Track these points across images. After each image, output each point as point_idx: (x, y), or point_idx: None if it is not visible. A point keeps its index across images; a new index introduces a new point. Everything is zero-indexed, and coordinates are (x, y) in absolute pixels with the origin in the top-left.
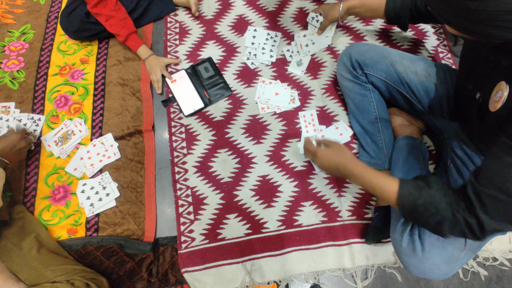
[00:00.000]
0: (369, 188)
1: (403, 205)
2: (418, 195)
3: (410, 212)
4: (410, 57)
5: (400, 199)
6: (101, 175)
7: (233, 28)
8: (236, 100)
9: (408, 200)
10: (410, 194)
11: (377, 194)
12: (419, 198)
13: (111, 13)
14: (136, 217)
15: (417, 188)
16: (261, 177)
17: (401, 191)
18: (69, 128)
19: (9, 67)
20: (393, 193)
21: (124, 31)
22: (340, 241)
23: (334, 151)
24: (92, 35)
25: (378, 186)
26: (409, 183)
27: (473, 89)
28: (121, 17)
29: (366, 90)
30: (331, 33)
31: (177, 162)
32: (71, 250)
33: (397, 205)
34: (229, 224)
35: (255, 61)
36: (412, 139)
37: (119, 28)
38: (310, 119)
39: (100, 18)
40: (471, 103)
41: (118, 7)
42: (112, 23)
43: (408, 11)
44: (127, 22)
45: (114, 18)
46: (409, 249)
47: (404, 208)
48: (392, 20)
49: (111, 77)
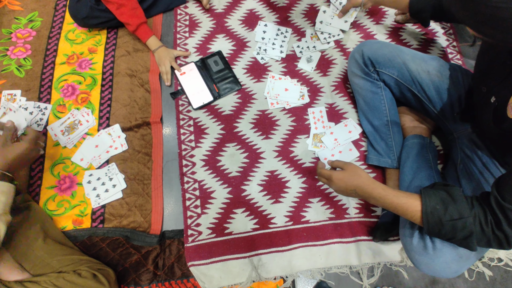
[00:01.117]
0: (390, 208)
1: (429, 222)
2: (443, 211)
3: (436, 229)
4: (422, 56)
5: (425, 216)
6: (107, 166)
7: (244, 23)
8: (246, 95)
9: (433, 217)
10: (436, 210)
11: (400, 213)
12: (445, 215)
13: (123, 1)
14: (142, 209)
15: (441, 202)
16: (269, 173)
17: (426, 208)
18: (76, 118)
19: (16, 54)
20: (417, 211)
21: (134, 21)
22: (347, 238)
23: (350, 174)
24: (100, 22)
25: (400, 206)
26: (431, 198)
27: (488, 92)
28: (132, 6)
29: (378, 87)
30: (351, 19)
31: (185, 155)
32: (76, 241)
33: (422, 223)
34: (236, 219)
35: (265, 56)
36: (422, 138)
37: (129, 17)
38: (319, 116)
39: (111, 5)
40: (485, 106)
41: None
42: (123, 12)
43: (431, 7)
44: (138, 12)
45: (126, 7)
46: (420, 247)
47: (429, 226)
48: (414, 13)
49: (120, 68)
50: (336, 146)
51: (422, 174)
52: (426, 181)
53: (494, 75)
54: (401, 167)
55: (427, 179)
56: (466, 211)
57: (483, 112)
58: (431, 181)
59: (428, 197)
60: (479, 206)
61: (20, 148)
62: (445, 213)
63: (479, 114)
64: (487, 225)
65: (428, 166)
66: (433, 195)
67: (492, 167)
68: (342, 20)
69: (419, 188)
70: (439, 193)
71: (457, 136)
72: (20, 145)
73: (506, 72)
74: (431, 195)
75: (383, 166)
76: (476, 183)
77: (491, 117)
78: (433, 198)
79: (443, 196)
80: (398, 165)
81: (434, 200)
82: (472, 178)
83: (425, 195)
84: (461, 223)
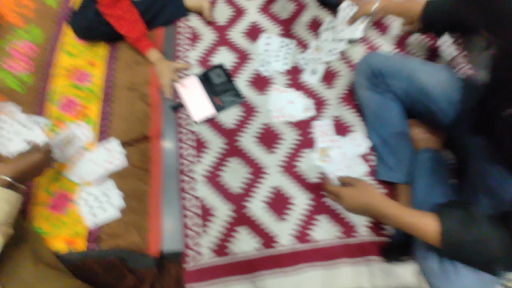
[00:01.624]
0: (404, 229)
1: (447, 245)
2: (463, 232)
3: (456, 252)
4: (431, 67)
5: (444, 238)
6: (104, 182)
7: (246, 35)
8: (248, 108)
9: (452, 239)
10: (455, 231)
11: (415, 234)
12: (466, 236)
13: (123, 14)
14: (140, 229)
15: (460, 223)
16: (273, 189)
17: (443, 229)
18: (73, 132)
19: (14, 68)
20: (434, 232)
21: (134, 33)
22: (357, 259)
23: (360, 191)
24: (100, 34)
25: (417, 226)
26: (451, 218)
27: (503, 103)
28: (133, 19)
29: (386, 99)
30: (361, 27)
31: (184, 171)
32: (69, 265)
33: (440, 245)
34: (239, 238)
35: (269, 68)
36: (434, 151)
37: (130, 29)
38: (325, 129)
39: (112, 18)
40: (501, 119)
41: (131, 8)
42: (123, 24)
43: (447, 17)
44: (138, 25)
45: (126, 20)
46: (440, 270)
47: (448, 248)
48: (428, 24)
49: (119, 81)
50: (343, 160)
51: (437, 190)
52: (441, 198)
53: (510, 85)
54: (414, 182)
55: (442, 196)
56: (487, 232)
57: (498, 125)
58: (446, 197)
59: (446, 217)
60: (501, 227)
61: (33, 157)
62: (466, 235)
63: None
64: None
65: (442, 181)
66: (450, 214)
67: None
68: (352, 29)
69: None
70: (457, 212)
71: (471, 149)
72: (33, 155)
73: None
74: (449, 214)
75: (394, 181)
76: (496, 200)
77: (509, 130)
78: (451, 217)
79: (462, 216)
80: (409, 180)
81: (452, 220)
82: (491, 194)
83: (442, 214)
84: (483, 246)
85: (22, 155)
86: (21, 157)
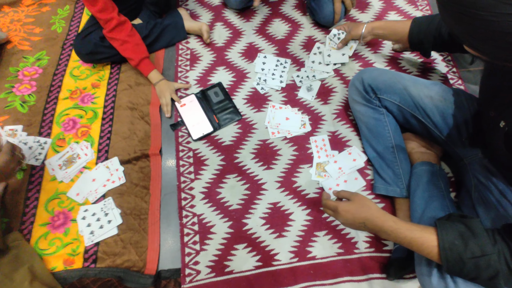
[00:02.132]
0: (403, 243)
1: (448, 260)
2: (463, 247)
3: (457, 267)
4: (423, 82)
5: (444, 253)
6: (104, 200)
7: (243, 55)
8: (246, 125)
9: (453, 254)
10: (454, 246)
11: (414, 249)
12: (465, 251)
13: (126, 38)
14: (138, 247)
15: (460, 237)
16: (272, 205)
17: (443, 244)
18: (75, 152)
19: (21, 91)
20: (433, 247)
21: (137, 56)
22: (359, 276)
23: (358, 205)
24: (104, 58)
25: (414, 241)
26: (448, 231)
27: (496, 116)
28: (135, 42)
29: (380, 114)
30: (350, 52)
31: (183, 188)
32: (65, 283)
33: (440, 260)
34: (238, 256)
35: (265, 86)
36: (431, 165)
37: (132, 52)
38: (321, 144)
39: (115, 42)
40: (495, 132)
41: (133, 32)
42: (126, 48)
43: (432, 38)
44: (140, 48)
45: (129, 43)
46: (440, 287)
47: (449, 264)
48: (415, 45)
49: (121, 101)
50: (340, 175)
51: (435, 204)
52: (440, 212)
53: (502, 98)
54: (411, 196)
55: (440, 209)
56: (488, 247)
57: (493, 138)
58: (445, 211)
59: (445, 231)
60: (502, 241)
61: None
62: (466, 250)
63: (489, 141)
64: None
65: (440, 194)
66: (450, 228)
67: (510, 194)
68: (340, 54)
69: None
70: (456, 226)
71: (468, 162)
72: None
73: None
74: (448, 228)
75: (391, 195)
76: (495, 213)
77: (503, 143)
78: (451, 232)
79: (462, 230)
80: (407, 194)
81: (452, 235)
82: (489, 207)
83: (441, 229)
84: (484, 261)
85: None
86: None
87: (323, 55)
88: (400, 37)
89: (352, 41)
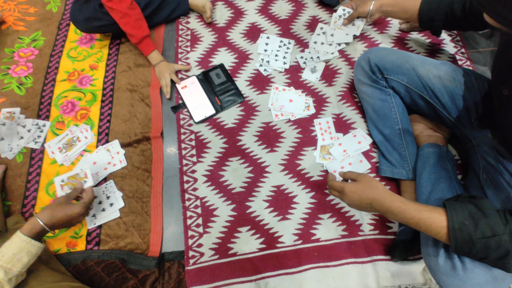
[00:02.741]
0: (411, 224)
1: (457, 240)
2: (473, 227)
3: (466, 248)
4: (432, 62)
5: (453, 234)
6: (105, 183)
7: (246, 36)
8: (249, 107)
9: (462, 235)
10: (464, 226)
11: (422, 230)
12: (475, 231)
13: (127, 11)
14: (140, 230)
15: (470, 217)
16: (275, 187)
17: (452, 224)
18: (75, 135)
19: (17, 73)
20: (442, 227)
21: (138, 33)
22: (363, 258)
23: (365, 186)
24: (103, 25)
25: (423, 222)
26: (458, 212)
27: (510, 94)
28: (136, 17)
29: (387, 95)
30: (357, 32)
31: (186, 171)
32: (69, 265)
33: (448, 241)
34: (241, 238)
35: (268, 68)
36: (438, 146)
37: (133, 29)
38: (326, 127)
39: (115, 14)
40: (508, 111)
41: (134, 6)
42: (126, 22)
43: (443, 15)
44: (142, 24)
45: (130, 17)
46: (447, 267)
47: (458, 244)
48: (425, 23)
49: (120, 83)
50: (345, 158)
51: (442, 185)
52: (448, 193)
53: None
54: (417, 178)
55: (448, 191)
56: (499, 227)
57: (505, 117)
58: (453, 192)
59: (454, 211)
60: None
61: (72, 210)
62: (476, 230)
63: (502, 119)
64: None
65: (448, 176)
66: (460, 208)
67: None
68: (344, 33)
69: (440, 201)
70: (466, 207)
71: (477, 144)
72: (73, 207)
73: None
74: (458, 208)
75: (397, 177)
76: (505, 195)
77: None
78: (460, 212)
79: (472, 210)
80: (413, 177)
81: (461, 215)
82: (500, 189)
83: (451, 209)
84: (495, 241)
85: (63, 202)
86: (61, 204)
87: (326, 35)
88: (410, 15)
89: (359, 19)
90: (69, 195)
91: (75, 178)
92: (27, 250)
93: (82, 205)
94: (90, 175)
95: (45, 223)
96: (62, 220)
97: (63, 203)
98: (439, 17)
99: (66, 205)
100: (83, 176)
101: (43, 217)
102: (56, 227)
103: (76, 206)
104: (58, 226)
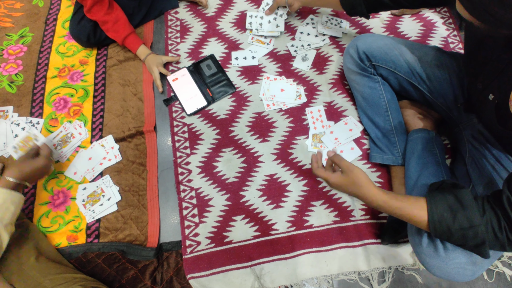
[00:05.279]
0: (395, 215)
1: (436, 231)
2: (452, 219)
3: (444, 237)
4: (420, 47)
5: (432, 225)
6: (101, 178)
7: (235, 25)
8: (240, 98)
9: (441, 226)
10: (443, 218)
11: (405, 220)
12: (453, 223)
13: (104, 18)
14: (138, 222)
15: (449, 209)
16: (269, 177)
17: (432, 217)
18: (69, 131)
19: (7, 71)
20: (423, 220)
21: (118, 36)
22: (354, 242)
23: (348, 182)
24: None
25: (406, 212)
26: (438, 204)
27: (484, 89)
28: (113, 21)
29: (375, 82)
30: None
31: (180, 163)
32: (71, 258)
33: (429, 230)
34: (236, 227)
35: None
36: (426, 132)
37: (113, 33)
38: (317, 115)
39: (100, 23)
40: (485, 105)
41: (110, 10)
42: (107, 29)
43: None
44: (120, 25)
45: (107, 23)
46: (430, 249)
47: (437, 234)
48: (349, 10)
49: (112, 78)
50: (337, 145)
51: (429, 170)
52: (433, 178)
53: (488, 71)
54: (406, 164)
55: (434, 176)
56: (476, 218)
57: (483, 111)
58: (438, 178)
59: (434, 204)
60: (491, 210)
61: (37, 163)
62: (454, 222)
63: (480, 113)
64: (501, 231)
65: (435, 161)
66: (439, 201)
67: (505, 160)
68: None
69: (426, 187)
70: (446, 198)
71: (463, 128)
72: (36, 161)
73: (501, 67)
74: (438, 201)
75: (386, 163)
76: (488, 178)
77: (494, 116)
78: (440, 205)
79: (451, 202)
80: (403, 162)
81: (441, 207)
82: (483, 173)
83: (431, 202)
84: (472, 232)
85: (26, 159)
86: (25, 161)
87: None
88: (332, 4)
89: (282, 9)
90: (28, 153)
91: (26, 142)
92: (11, 200)
93: (44, 158)
94: (39, 134)
95: (16, 178)
96: (32, 173)
97: (27, 160)
98: (359, 2)
99: (31, 160)
100: (32, 137)
101: (13, 174)
102: (27, 180)
103: (39, 159)
104: (28, 179)
